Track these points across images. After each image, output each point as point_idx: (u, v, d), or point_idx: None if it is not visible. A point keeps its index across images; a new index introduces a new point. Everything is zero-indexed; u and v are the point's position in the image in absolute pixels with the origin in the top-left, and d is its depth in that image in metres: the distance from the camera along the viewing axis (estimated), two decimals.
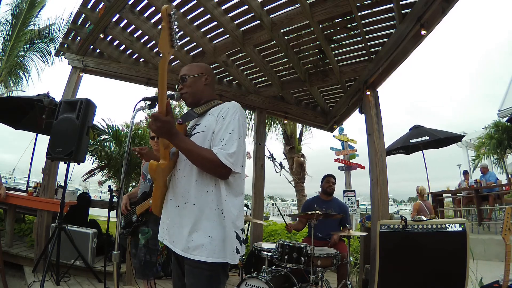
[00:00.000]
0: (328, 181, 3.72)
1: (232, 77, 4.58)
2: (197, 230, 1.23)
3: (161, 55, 1.15)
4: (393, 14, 3.06)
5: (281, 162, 3.85)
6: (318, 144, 10.81)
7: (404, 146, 8.11)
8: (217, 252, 1.21)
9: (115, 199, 3.08)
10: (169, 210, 1.35)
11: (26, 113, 5.44)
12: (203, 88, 1.47)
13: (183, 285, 1.34)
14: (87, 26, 3.83)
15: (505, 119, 9.77)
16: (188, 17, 3.51)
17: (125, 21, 3.70)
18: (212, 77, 1.53)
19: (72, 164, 3.43)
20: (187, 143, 1.26)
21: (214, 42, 3.87)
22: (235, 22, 3.47)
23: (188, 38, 3.81)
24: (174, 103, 8.55)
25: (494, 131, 10.32)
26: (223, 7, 3.28)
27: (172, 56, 4.25)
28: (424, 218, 2.65)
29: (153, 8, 3.46)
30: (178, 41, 1.11)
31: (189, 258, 1.23)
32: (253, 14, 3.24)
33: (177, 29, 1.11)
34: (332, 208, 3.49)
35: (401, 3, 2.92)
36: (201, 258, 1.20)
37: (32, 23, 9.05)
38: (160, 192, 1.39)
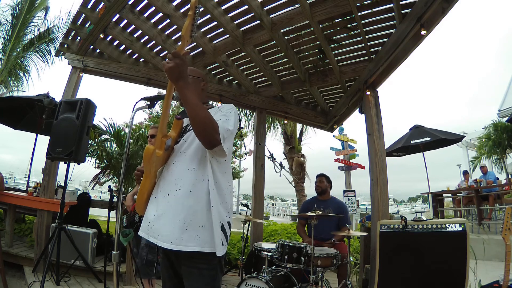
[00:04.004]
0: (316, 181, 3.72)
1: (232, 77, 4.58)
2: (192, 219, 1.21)
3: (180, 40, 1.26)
4: (393, 14, 3.07)
5: (281, 162, 3.85)
6: (318, 144, 10.78)
7: (405, 147, 8.09)
8: (208, 242, 1.21)
9: (115, 199, 3.08)
10: (156, 202, 1.30)
11: (26, 113, 5.44)
12: (200, 91, 1.52)
13: (174, 285, 1.33)
14: (87, 26, 3.83)
15: (505, 119, 9.77)
16: None
17: (125, 21, 3.70)
18: (207, 86, 1.59)
19: (72, 164, 3.43)
20: (195, 94, 1.24)
21: (214, 42, 3.87)
22: (235, 22, 3.48)
23: None
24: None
25: (493, 131, 10.32)
26: (223, 7, 3.28)
27: None
28: (424, 218, 2.65)
29: (153, 8, 3.45)
30: (195, 34, 1.26)
31: (183, 251, 1.19)
32: (253, 14, 3.24)
33: (198, 23, 1.26)
34: (330, 207, 3.47)
35: (401, 3, 2.93)
36: (195, 249, 1.19)
37: (32, 24, 9.06)
38: (150, 181, 1.34)
